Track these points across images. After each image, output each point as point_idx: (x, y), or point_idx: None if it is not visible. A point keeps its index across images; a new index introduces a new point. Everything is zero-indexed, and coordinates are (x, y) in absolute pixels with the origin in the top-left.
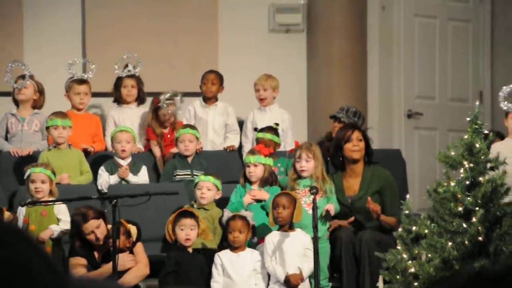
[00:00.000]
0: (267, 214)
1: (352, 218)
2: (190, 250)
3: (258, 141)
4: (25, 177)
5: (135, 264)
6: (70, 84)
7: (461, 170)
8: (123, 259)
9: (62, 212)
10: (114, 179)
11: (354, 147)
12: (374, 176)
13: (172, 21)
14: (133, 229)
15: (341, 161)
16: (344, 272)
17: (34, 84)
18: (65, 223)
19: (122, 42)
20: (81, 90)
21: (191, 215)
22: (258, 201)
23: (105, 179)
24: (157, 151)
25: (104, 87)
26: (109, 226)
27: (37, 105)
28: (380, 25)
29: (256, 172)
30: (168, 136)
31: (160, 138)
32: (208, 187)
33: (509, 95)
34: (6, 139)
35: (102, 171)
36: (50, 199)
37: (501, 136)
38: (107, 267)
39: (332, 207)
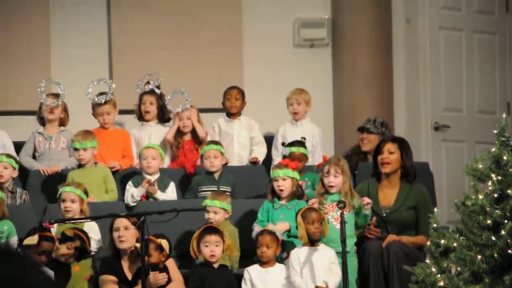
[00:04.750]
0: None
1: (374, 219)
2: (215, 266)
3: (291, 155)
4: (57, 195)
5: (166, 281)
6: (93, 105)
7: (489, 183)
8: (155, 278)
9: (93, 231)
10: (138, 191)
11: (382, 160)
12: (412, 191)
13: (196, 35)
14: (164, 243)
15: (379, 171)
16: (372, 285)
17: (62, 103)
18: (97, 242)
19: (147, 57)
20: (103, 110)
21: (215, 231)
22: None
23: (130, 193)
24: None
25: (130, 104)
26: (138, 245)
27: (63, 123)
28: (405, 38)
29: (285, 185)
30: (186, 146)
31: (177, 146)
32: (214, 211)
33: None
34: (34, 157)
35: (129, 186)
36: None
37: None
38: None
39: (369, 200)
